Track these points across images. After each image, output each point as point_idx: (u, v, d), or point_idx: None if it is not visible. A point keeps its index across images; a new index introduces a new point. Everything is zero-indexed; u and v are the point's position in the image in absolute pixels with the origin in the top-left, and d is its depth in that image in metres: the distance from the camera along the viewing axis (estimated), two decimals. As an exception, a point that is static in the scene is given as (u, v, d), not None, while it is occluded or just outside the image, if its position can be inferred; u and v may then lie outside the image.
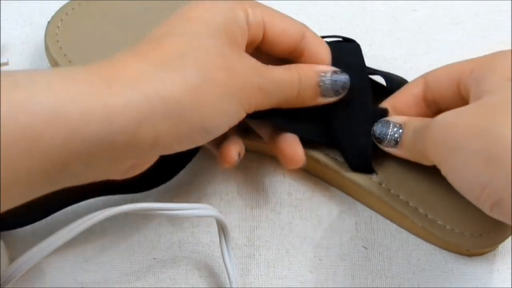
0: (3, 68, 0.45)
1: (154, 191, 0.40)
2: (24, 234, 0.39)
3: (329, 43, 0.39)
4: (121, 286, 0.37)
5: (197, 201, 0.40)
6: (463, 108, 0.32)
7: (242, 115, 0.33)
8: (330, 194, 0.41)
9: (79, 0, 0.45)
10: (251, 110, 0.34)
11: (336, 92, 0.37)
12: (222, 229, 0.36)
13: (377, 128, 0.37)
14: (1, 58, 0.44)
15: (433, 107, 0.38)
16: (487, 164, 0.29)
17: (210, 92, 0.31)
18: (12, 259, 0.36)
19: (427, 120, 0.35)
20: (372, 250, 0.39)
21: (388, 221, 0.40)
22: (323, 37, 0.39)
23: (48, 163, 0.27)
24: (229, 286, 0.36)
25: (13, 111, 0.25)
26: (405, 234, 0.39)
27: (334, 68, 0.37)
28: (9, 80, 0.26)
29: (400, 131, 0.36)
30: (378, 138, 0.37)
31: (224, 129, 0.33)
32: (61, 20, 0.44)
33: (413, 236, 0.39)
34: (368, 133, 0.38)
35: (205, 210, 0.35)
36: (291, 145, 0.37)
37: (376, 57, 0.47)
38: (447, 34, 0.48)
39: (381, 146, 0.37)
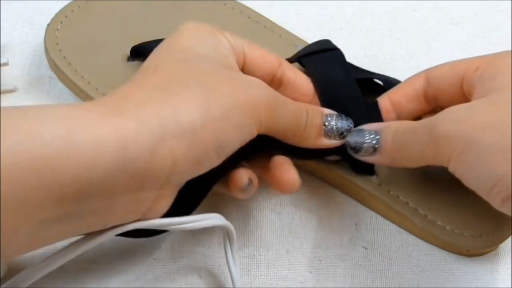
0: (3, 68, 0.45)
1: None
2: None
3: (309, 53, 0.40)
4: (121, 286, 0.37)
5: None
6: (473, 103, 0.32)
7: (253, 130, 0.32)
8: (330, 195, 0.41)
9: (78, 2, 0.45)
10: (262, 128, 0.33)
11: (341, 135, 0.36)
12: (228, 236, 0.36)
13: (352, 138, 0.36)
14: (1, 58, 0.44)
15: (433, 104, 0.38)
16: (503, 156, 0.29)
17: (218, 106, 0.31)
18: (9, 265, 0.36)
19: (406, 122, 0.35)
20: (372, 250, 0.39)
21: (388, 222, 0.40)
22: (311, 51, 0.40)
23: (61, 195, 0.26)
24: (229, 287, 0.36)
25: (24, 142, 0.25)
26: (405, 234, 0.39)
27: (337, 113, 0.37)
28: (19, 111, 0.26)
29: (377, 137, 0.36)
30: (354, 148, 0.36)
31: (236, 145, 0.32)
32: (61, 22, 0.44)
33: (413, 237, 0.39)
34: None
35: (214, 220, 0.34)
36: (286, 170, 0.36)
37: (376, 57, 0.47)
38: (447, 34, 0.48)
39: (357, 156, 0.37)
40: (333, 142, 0.37)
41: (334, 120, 0.36)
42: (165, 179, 0.30)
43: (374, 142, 0.36)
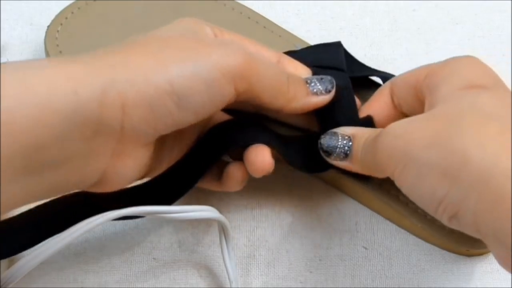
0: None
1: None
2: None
3: (307, 49, 0.39)
4: (121, 286, 0.37)
5: (197, 201, 0.40)
6: (414, 118, 0.31)
7: (226, 87, 0.31)
8: (330, 194, 0.41)
9: (78, 3, 0.45)
10: (240, 85, 0.32)
11: (326, 90, 0.36)
12: (223, 230, 0.36)
13: (325, 141, 0.35)
14: (1, 58, 0.44)
15: (402, 112, 0.37)
16: (443, 177, 0.28)
17: (176, 54, 0.30)
18: (11, 261, 0.36)
19: (378, 130, 0.34)
20: (372, 250, 0.39)
21: (388, 221, 0.40)
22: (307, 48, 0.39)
23: (23, 141, 0.26)
24: (229, 287, 0.36)
25: None
26: (405, 234, 0.39)
27: (316, 76, 0.37)
28: None
29: (350, 143, 0.35)
30: (326, 152, 0.35)
31: (204, 99, 0.31)
32: (61, 24, 0.44)
33: (413, 236, 0.39)
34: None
35: (207, 212, 0.34)
36: (260, 152, 0.35)
37: (376, 57, 0.47)
38: (447, 34, 0.49)
39: (329, 160, 0.36)
40: (323, 98, 0.36)
41: (315, 79, 0.36)
42: (119, 127, 0.29)
43: (346, 148, 0.35)
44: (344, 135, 0.35)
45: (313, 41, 0.45)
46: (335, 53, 0.40)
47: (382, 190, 0.39)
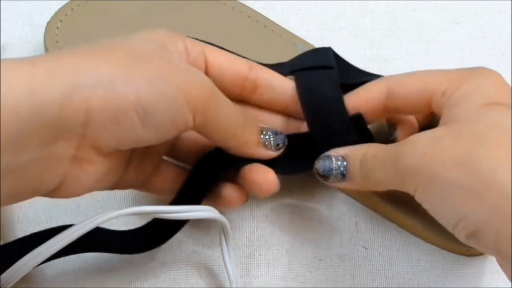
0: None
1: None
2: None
3: (303, 68, 0.38)
4: (121, 286, 0.37)
5: (197, 201, 0.40)
6: (437, 135, 0.31)
7: (187, 114, 0.31)
8: (330, 194, 0.41)
9: (78, 1, 0.45)
10: (198, 115, 0.31)
11: (277, 147, 0.36)
12: (223, 230, 0.36)
13: (320, 166, 0.35)
14: (1, 58, 0.44)
15: (392, 113, 0.37)
16: (467, 197, 0.28)
17: (145, 68, 0.30)
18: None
19: (372, 148, 0.34)
20: (372, 250, 0.39)
21: (388, 221, 0.40)
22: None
23: None
24: (229, 287, 0.36)
25: None
26: (405, 234, 0.39)
27: (273, 128, 0.36)
28: None
29: (345, 163, 0.34)
30: (323, 176, 0.35)
31: (166, 120, 0.30)
32: (61, 21, 0.44)
33: (413, 236, 0.39)
34: (353, 140, 0.36)
35: (207, 212, 0.34)
36: (261, 171, 0.36)
37: (376, 57, 0.47)
38: (447, 34, 0.48)
39: (327, 183, 0.35)
40: (270, 154, 0.36)
41: (270, 131, 0.36)
42: (81, 132, 0.29)
43: (342, 169, 0.34)
44: (337, 157, 0.35)
45: (313, 41, 0.45)
46: (322, 55, 0.40)
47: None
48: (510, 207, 0.27)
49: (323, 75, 0.38)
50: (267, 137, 0.36)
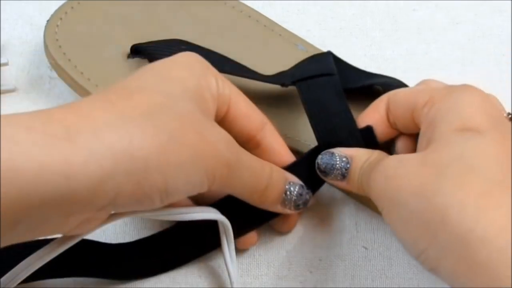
0: (3, 68, 0.45)
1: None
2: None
3: (305, 78, 0.39)
4: (121, 286, 0.37)
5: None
6: (406, 159, 0.31)
7: (205, 186, 0.31)
8: (330, 194, 0.41)
9: (97, 1, 0.45)
10: (214, 185, 0.31)
11: (297, 207, 0.36)
12: (225, 231, 0.36)
13: (323, 161, 0.35)
14: (1, 58, 0.44)
15: (395, 129, 0.36)
16: (425, 229, 0.28)
17: (178, 153, 0.29)
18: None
19: (374, 155, 0.33)
20: (372, 250, 0.39)
21: (388, 221, 0.40)
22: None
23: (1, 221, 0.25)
24: (229, 287, 0.36)
25: None
26: (405, 234, 0.39)
27: (301, 183, 0.36)
28: None
29: (348, 165, 0.34)
30: (324, 172, 0.35)
31: (182, 196, 0.31)
32: (60, 19, 0.44)
33: (413, 236, 0.39)
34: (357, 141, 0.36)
35: (209, 213, 0.34)
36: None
37: (376, 57, 0.47)
38: (447, 34, 0.48)
39: (326, 179, 0.36)
40: (286, 211, 0.36)
41: (297, 190, 0.35)
42: (103, 209, 0.28)
43: (344, 170, 0.34)
44: (342, 156, 0.35)
45: (313, 41, 0.45)
46: (323, 61, 0.40)
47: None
48: (461, 250, 0.26)
49: (325, 83, 0.38)
50: (288, 196, 0.35)
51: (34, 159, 0.25)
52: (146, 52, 0.41)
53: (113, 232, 0.39)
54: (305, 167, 0.37)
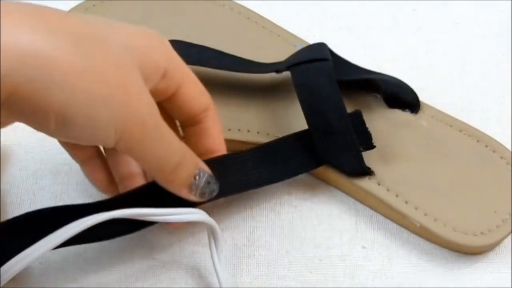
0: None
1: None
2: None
3: (298, 62, 0.39)
4: (121, 286, 0.37)
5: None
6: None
7: (110, 139, 0.30)
8: (330, 194, 0.41)
9: (86, 3, 0.45)
10: (121, 143, 0.30)
11: (202, 195, 0.35)
12: (212, 233, 0.36)
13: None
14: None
15: None
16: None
17: (90, 84, 0.28)
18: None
19: None
20: (372, 250, 0.39)
21: (388, 221, 0.40)
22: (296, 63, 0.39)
23: None
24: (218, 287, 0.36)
25: None
26: (405, 233, 0.39)
27: (211, 173, 0.35)
28: None
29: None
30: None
31: (81, 136, 0.29)
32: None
33: (413, 236, 0.39)
34: (351, 141, 0.37)
35: (195, 214, 0.34)
36: None
37: (376, 57, 0.47)
38: (447, 34, 0.49)
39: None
40: (190, 198, 0.34)
41: (206, 177, 0.34)
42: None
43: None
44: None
45: (313, 41, 0.45)
46: (317, 48, 0.40)
47: (381, 189, 0.39)
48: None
49: (318, 67, 0.38)
50: (197, 181, 0.34)
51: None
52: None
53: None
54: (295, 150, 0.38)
